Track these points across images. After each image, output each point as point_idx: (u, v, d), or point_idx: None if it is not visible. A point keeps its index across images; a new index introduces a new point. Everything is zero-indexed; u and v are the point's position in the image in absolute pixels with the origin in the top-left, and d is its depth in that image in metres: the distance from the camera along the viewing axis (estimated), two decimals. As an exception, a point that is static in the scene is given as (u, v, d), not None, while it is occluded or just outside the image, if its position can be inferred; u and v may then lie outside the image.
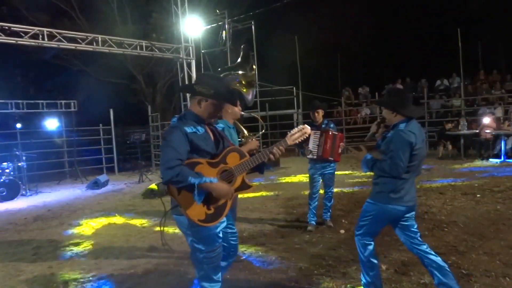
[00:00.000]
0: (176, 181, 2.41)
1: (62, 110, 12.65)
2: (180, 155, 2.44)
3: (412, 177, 3.07)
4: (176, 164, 2.40)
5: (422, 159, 3.07)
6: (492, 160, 10.81)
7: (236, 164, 2.66)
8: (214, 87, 2.63)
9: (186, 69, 11.46)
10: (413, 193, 3.09)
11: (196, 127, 2.58)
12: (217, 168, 2.61)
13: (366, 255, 3.12)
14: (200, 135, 2.58)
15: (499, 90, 15.37)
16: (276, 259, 4.31)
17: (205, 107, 2.65)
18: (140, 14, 16.48)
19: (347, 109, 17.53)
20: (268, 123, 16.22)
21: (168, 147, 2.45)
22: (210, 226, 2.57)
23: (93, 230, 6.18)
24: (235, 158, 2.67)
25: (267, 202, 7.38)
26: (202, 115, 2.67)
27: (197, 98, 2.66)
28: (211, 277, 2.68)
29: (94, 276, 4.17)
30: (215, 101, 2.66)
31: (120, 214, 7.13)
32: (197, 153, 2.56)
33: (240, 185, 2.69)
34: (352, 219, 5.70)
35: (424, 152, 3.08)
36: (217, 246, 2.64)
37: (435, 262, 3.00)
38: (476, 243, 4.43)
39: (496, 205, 6.02)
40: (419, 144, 2.94)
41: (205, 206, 2.54)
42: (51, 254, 5.03)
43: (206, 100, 2.65)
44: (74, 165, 12.60)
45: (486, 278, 3.51)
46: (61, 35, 9.13)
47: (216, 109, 2.69)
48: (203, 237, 2.60)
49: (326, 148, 5.07)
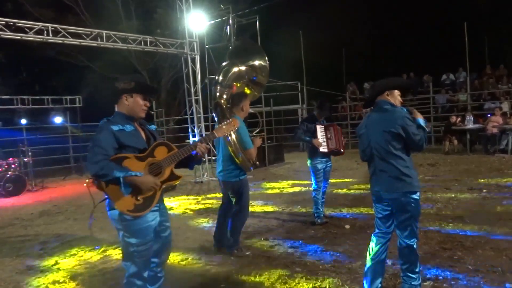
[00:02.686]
0: (102, 175, 2.51)
1: (68, 106, 12.70)
2: (105, 151, 2.54)
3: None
4: (101, 159, 2.50)
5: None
6: (498, 155, 10.73)
7: (164, 157, 2.73)
8: (134, 80, 2.74)
9: (190, 64, 11.43)
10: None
11: (124, 125, 2.68)
12: (145, 161, 2.69)
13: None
14: (128, 132, 2.68)
15: (506, 85, 15.21)
16: (281, 254, 4.31)
17: (132, 103, 2.73)
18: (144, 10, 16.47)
19: (351, 104, 17.45)
20: (273, 119, 16.21)
21: (94, 145, 2.56)
22: (141, 219, 2.64)
23: (99, 225, 6.20)
24: (163, 151, 2.75)
25: (272, 198, 7.38)
26: (130, 113, 2.75)
27: (122, 96, 2.74)
28: (141, 273, 2.73)
29: (101, 270, 4.19)
30: (139, 95, 2.74)
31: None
32: (125, 149, 2.65)
33: (168, 176, 2.76)
34: (357, 214, 5.69)
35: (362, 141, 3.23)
36: (148, 239, 2.70)
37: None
38: (482, 239, 4.40)
39: (502, 201, 5.97)
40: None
41: (134, 197, 2.61)
42: (58, 249, 5.06)
43: (131, 96, 2.73)
44: (80, 160, 12.66)
45: (493, 274, 3.49)
46: (66, 30, 9.12)
47: (142, 102, 2.75)
48: (134, 230, 2.66)
49: (337, 140, 5.26)
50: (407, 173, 2.97)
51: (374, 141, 3.09)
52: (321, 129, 5.39)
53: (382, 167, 3.04)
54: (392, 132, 2.96)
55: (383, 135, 3.01)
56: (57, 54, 16.28)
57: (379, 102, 3.16)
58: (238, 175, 4.22)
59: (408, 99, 15.24)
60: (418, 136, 2.94)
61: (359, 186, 7.95)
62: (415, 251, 3.07)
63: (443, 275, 3.52)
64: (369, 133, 3.14)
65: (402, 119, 2.96)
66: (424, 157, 11.07)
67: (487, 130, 11.50)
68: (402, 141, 2.98)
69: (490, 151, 11.21)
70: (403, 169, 2.97)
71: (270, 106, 15.92)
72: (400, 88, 3.24)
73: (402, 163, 2.99)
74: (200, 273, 3.93)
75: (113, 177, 2.50)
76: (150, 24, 15.46)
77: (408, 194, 2.97)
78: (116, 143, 2.61)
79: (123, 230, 2.69)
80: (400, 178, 2.96)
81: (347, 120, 16.30)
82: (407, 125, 2.94)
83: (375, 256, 3.12)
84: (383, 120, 3.04)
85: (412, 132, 2.92)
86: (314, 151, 5.37)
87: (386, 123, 3.00)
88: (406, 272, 3.09)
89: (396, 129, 2.94)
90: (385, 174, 3.02)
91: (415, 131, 2.94)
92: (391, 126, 2.96)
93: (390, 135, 2.97)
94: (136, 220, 2.63)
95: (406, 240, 3.04)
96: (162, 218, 2.83)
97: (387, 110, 3.07)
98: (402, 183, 2.96)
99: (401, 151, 2.99)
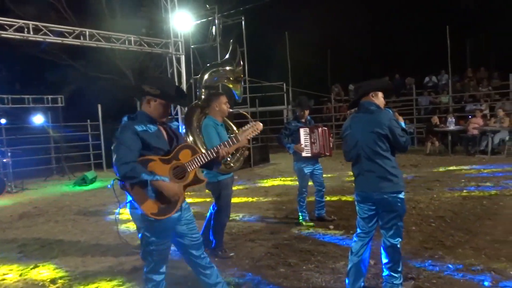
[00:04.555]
0: (130, 176, 2.52)
1: (49, 106, 12.45)
2: (132, 152, 2.56)
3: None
4: (131, 160, 2.52)
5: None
6: (478, 156, 10.96)
7: (188, 160, 2.73)
8: (159, 87, 2.70)
9: (175, 64, 11.37)
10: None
11: (147, 126, 2.67)
12: (170, 164, 2.69)
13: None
14: (152, 133, 2.67)
15: (486, 87, 15.56)
16: (265, 255, 4.31)
17: (154, 107, 2.72)
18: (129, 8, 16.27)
19: (336, 105, 17.59)
20: (258, 119, 16.21)
21: (120, 145, 2.56)
22: (164, 220, 2.65)
23: (80, 227, 6.11)
24: (187, 154, 2.75)
25: (256, 198, 7.37)
26: (153, 115, 2.73)
27: (146, 97, 2.72)
28: (158, 269, 2.79)
29: (81, 273, 4.12)
30: (163, 101, 2.72)
31: (109, 210, 7.07)
32: (149, 150, 2.64)
33: (192, 179, 2.78)
34: (341, 215, 5.73)
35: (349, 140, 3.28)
36: (167, 239, 2.75)
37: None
38: (462, 238, 4.49)
39: (482, 201, 6.10)
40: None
41: (159, 201, 2.62)
42: (37, 252, 4.96)
43: (155, 100, 2.71)
44: (61, 161, 12.43)
45: (472, 272, 3.55)
46: (47, 28, 8.97)
47: (165, 109, 2.75)
48: (156, 230, 2.69)
49: (322, 144, 5.17)
50: (394, 173, 3.04)
51: (361, 142, 3.12)
52: (305, 132, 5.28)
53: (370, 168, 3.08)
54: (379, 133, 3.02)
55: (371, 136, 3.06)
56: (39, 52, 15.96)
57: (365, 103, 3.20)
58: (216, 175, 4.18)
59: (391, 100, 15.46)
60: (403, 138, 3.04)
61: (343, 187, 8.00)
62: (399, 250, 3.12)
63: (424, 274, 3.57)
64: (356, 134, 3.18)
65: (389, 120, 3.03)
66: (407, 157, 11.24)
67: (468, 132, 11.73)
68: (388, 142, 3.04)
69: (471, 152, 11.45)
70: (390, 169, 3.04)
71: (256, 107, 15.92)
72: (384, 89, 3.30)
73: (389, 163, 3.05)
74: (183, 275, 3.89)
75: (141, 180, 2.52)
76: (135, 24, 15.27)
77: (395, 194, 3.03)
78: (141, 144, 2.60)
79: (144, 229, 2.75)
80: (387, 178, 3.02)
81: (332, 121, 16.42)
82: (394, 127, 3.02)
83: (357, 256, 3.15)
84: (370, 121, 3.08)
85: (398, 134, 3.02)
86: (298, 155, 5.35)
87: (373, 124, 3.05)
88: (389, 271, 3.13)
89: (383, 130, 3.01)
90: (373, 174, 3.07)
91: (401, 133, 3.04)
92: (379, 127, 3.02)
93: (378, 136, 3.03)
94: (159, 221, 2.65)
95: (390, 240, 3.09)
96: (185, 215, 2.81)
97: (373, 111, 3.12)
98: (389, 183, 3.02)
99: (388, 151, 3.06)
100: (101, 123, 13.34)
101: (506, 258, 3.83)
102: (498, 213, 5.38)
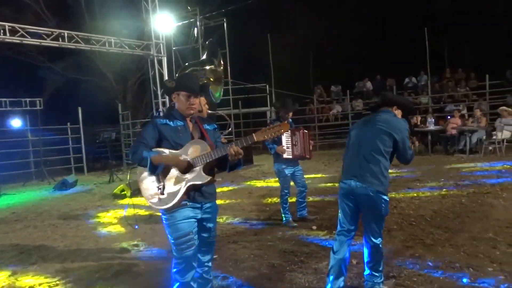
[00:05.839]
0: (135, 158, 2.66)
1: (27, 109, 12.17)
2: (144, 139, 2.70)
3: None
4: (137, 144, 2.69)
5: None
6: (457, 155, 11.21)
7: (196, 156, 2.71)
8: (176, 79, 2.87)
9: (157, 66, 11.27)
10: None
11: (172, 120, 2.77)
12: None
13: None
14: (173, 127, 2.75)
15: (464, 88, 15.94)
16: (249, 257, 4.31)
17: (179, 101, 2.81)
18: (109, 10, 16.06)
19: (319, 106, 17.74)
20: (242, 121, 16.23)
21: (137, 137, 2.77)
22: (177, 214, 2.71)
23: (60, 232, 5.98)
24: (196, 150, 2.74)
25: (240, 200, 7.37)
26: (181, 110, 2.82)
27: (173, 94, 2.83)
28: (183, 274, 2.74)
29: (61, 279, 4.04)
30: (185, 93, 2.78)
31: (91, 215, 6.95)
32: (165, 142, 2.73)
33: (196, 175, 2.74)
34: (324, 215, 5.77)
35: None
36: (184, 235, 2.71)
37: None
38: (442, 236, 4.58)
39: (461, 199, 6.24)
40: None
41: (159, 190, 2.70)
42: (15, 259, 4.83)
43: (178, 94, 2.80)
44: (41, 165, 12.16)
45: (452, 269, 3.63)
46: (25, 30, 8.78)
47: (188, 101, 2.79)
48: (170, 224, 2.74)
49: (303, 147, 5.22)
50: (386, 174, 3.12)
51: (369, 135, 3.18)
52: (286, 134, 5.28)
53: (365, 161, 3.12)
54: (392, 136, 3.12)
55: (382, 134, 3.13)
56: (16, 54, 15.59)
57: (384, 111, 3.31)
58: None
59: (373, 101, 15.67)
60: (410, 151, 3.20)
61: (326, 187, 8.07)
62: (380, 250, 3.17)
63: (405, 272, 3.63)
64: (365, 129, 3.25)
65: (406, 131, 3.17)
66: (389, 158, 11.39)
67: (447, 132, 11.99)
68: (394, 146, 3.14)
69: (450, 152, 11.69)
70: (384, 170, 3.11)
71: (239, 108, 15.93)
72: (406, 109, 3.42)
73: (386, 164, 3.14)
74: (168, 277, 3.85)
75: (143, 157, 2.61)
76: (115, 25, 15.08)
77: (380, 194, 3.09)
78: (158, 135, 2.73)
79: (165, 227, 2.79)
80: (378, 177, 3.09)
81: (315, 122, 16.55)
82: (406, 138, 3.16)
83: (339, 255, 3.19)
84: (388, 122, 3.17)
85: (407, 146, 3.16)
86: (279, 156, 5.37)
87: (390, 126, 3.14)
88: (370, 270, 3.18)
89: (398, 135, 3.12)
90: (367, 169, 3.10)
91: (409, 146, 3.18)
92: (395, 131, 3.12)
93: (389, 137, 3.12)
94: (173, 214, 2.71)
95: (372, 239, 3.14)
96: (206, 217, 2.83)
97: (392, 116, 3.25)
98: (378, 182, 3.09)
99: (388, 154, 3.15)
100: (82, 126, 13.11)
101: (483, 254, 3.93)
102: (476, 211, 5.51)
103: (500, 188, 6.76)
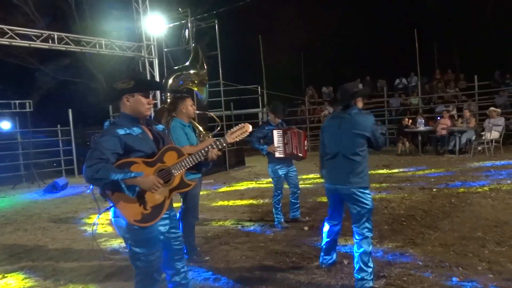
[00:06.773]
0: (97, 179, 2.32)
1: (17, 111, 12.04)
2: (103, 155, 2.35)
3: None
4: (96, 162, 2.31)
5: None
6: (447, 155, 11.33)
7: (173, 163, 2.60)
8: (133, 78, 2.55)
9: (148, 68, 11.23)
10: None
11: (130, 128, 2.50)
12: (154, 167, 2.54)
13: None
14: (136, 135, 2.51)
15: (453, 89, 16.13)
16: (241, 258, 4.31)
17: (133, 103, 2.54)
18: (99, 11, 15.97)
19: (310, 107, 17.82)
20: (233, 122, 16.23)
21: (93, 149, 2.38)
22: (149, 229, 2.50)
23: (51, 235, 5.93)
24: (172, 156, 2.61)
25: (232, 201, 7.37)
26: (135, 114, 2.56)
27: (123, 97, 2.55)
28: (148, 281, 2.59)
29: (52, 283, 4.00)
30: (140, 93, 2.55)
31: (82, 217, 6.90)
32: (134, 154, 2.50)
33: (178, 183, 2.63)
34: (315, 216, 5.80)
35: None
36: (156, 249, 2.56)
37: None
38: (432, 235, 4.63)
39: (451, 199, 6.31)
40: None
41: (142, 206, 2.47)
42: (5, 262, 4.77)
43: (132, 95, 2.53)
44: (31, 168, 12.03)
45: (441, 269, 3.67)
46: (13, 31, 8.70)
47: (145, 102, 2.55)
48: (141, 239, 2.53)
49: (295, 145, 5.24)
50: (365, 171, 3.37)
51: (343, 140, 3.40)
52: (278, 134, 5.32)
53: (345, 164, 3.37)
54: (363, 135, 3.34)
55: (354, 136, 3.34)
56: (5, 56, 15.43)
57: (352, 108, 3.50)
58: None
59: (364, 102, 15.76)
60: (381, 139, 3.43)
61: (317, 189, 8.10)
62: (370, 247, 3.32)
63: (395, 272, 3.66)
64: (338, 132, 3.45)
65: (373, 125, 3.40)
66: (379, 158, 11.49)
67: (437, 132, 12.12)
68: (367, 142, 3.38)
69: (440, 152, 11.82)
70: (363, 168, 3.36)
71: (231, 110, 15.93)
72: (365, 96, 3.72)
73: (364, 162, 3.37)
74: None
75: (111, 181, 2.30)
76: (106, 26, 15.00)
77: (363, 190, 3.34)
78: (123, 148, 2.43)
79: (130, 239, 2.56)
80: (359, 175, 3.33)
81: (306, 124, 16.62)
82: (375, 130, 3.38)
83: (329, 236, 3.71)
84: (355, 122, 3.38)
85: (378, 136, 3.39)
86: (272, 156, 5.39)
87: (359, 126, 3.36)
88: (360, 268, 3.25)
89: (367, 132, 3.35)
90: (346, 170, 3.35)
91: (379, 134, 3.41)
92: (364, 129, 3.35)
93: (361, 137, 3.34)
94: (144, 229, 2.49)
95: (363, 232, 3.32)
96: (172, 225, 2.66)
97: (357, 114, 3.43)
98: (360, 179, 3.33)
99: (365, 151, 3.38)
100: (72, 128, 13.00)
101: (473, 254, 3.98)
102: (466, 210, 5.58)
103: (489, 188, 6.86)
